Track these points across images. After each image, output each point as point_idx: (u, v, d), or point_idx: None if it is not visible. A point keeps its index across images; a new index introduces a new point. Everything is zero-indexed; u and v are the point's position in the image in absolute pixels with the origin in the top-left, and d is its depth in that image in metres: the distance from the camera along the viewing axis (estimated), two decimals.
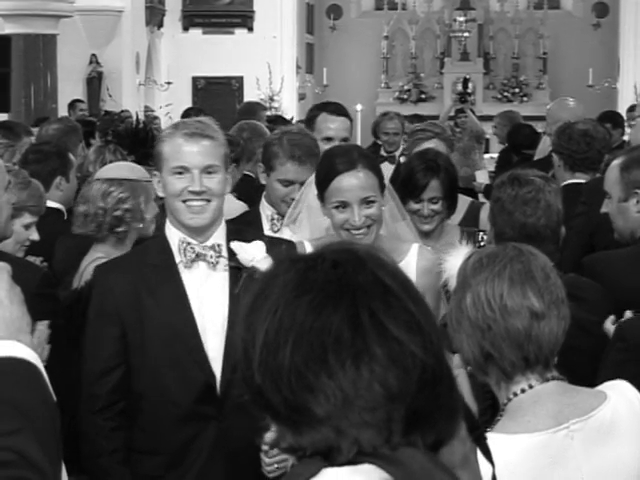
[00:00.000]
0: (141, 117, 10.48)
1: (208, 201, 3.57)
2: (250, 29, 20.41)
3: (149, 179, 4.26)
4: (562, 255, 3.93)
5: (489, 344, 2.44)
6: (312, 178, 4.11)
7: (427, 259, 3.91)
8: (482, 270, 2.47)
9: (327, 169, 3.82)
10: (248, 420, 3.01)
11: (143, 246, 3.93)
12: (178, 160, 3.56)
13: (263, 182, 4.87)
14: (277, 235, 4.38)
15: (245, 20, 20.43)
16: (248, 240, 3.61)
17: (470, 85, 21.29)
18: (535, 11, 23.00)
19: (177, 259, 3.61)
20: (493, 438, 2.41)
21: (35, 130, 7.57)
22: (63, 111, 13.80)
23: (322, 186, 3.81)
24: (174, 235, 3.63)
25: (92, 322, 3.66)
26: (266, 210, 4.84)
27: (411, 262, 3.87)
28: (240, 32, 20.36)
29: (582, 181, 5.75)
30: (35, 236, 4.55)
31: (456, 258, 2.79)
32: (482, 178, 10.17)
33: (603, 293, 3.73)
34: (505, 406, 2.49)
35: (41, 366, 2.04)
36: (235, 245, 3.59)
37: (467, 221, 5.02)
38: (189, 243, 3.60)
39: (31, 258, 4.46)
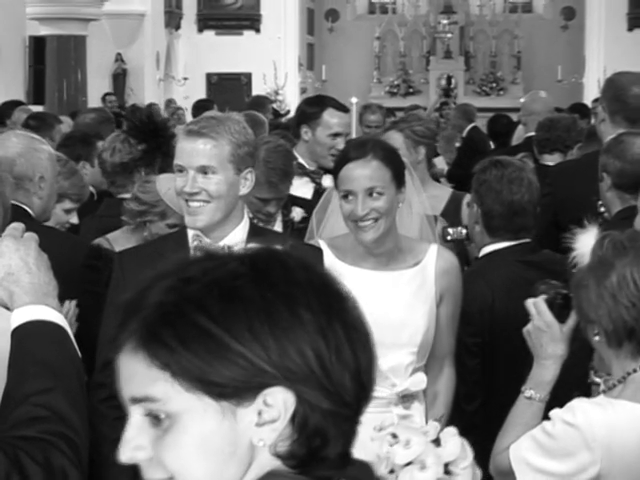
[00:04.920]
0: (162, 109, 10.42)
1: (207, 202, 3.02)
2: (257, 31, 20.37)
3: None
4: None
5: (632, 319, 2.45)
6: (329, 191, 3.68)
7: (446, 260, 3.41)
8: (626, 253, 2.48)
9: (340, 157, 3.38)
10: None
11: (163, 237, 3.49)
12: (178, 159, 3.06)
13: None
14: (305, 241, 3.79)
15: (253, 23, 20.39)
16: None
17: (453, 81, 21.26)
18: (510, 14, 22.93)
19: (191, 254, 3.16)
20: (628, 406, 2.43)
21: (64, 118, 7.60)
22: (92, 103, 13.75)
23: (335, 175, 3.35)
24: (191, 230, 3.14)
25: (105, 311, 3.20)
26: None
27: (429, 263, 3.38)
28: (249, 33, 20.32)
29: (550, 163, 5.80)
30: (74, 220, 4.51)
31: (587, 237, 2.71)
32: (440, 164, 10.17)
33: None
34: (629, 375, 2.49)
35: (68, 328, 2.02)
36: None
37: (449, 210, 4.67)
38: (201, 241, 3.11)
39: None
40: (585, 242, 2.64)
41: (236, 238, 3.09)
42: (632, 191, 3.88)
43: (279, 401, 1.22)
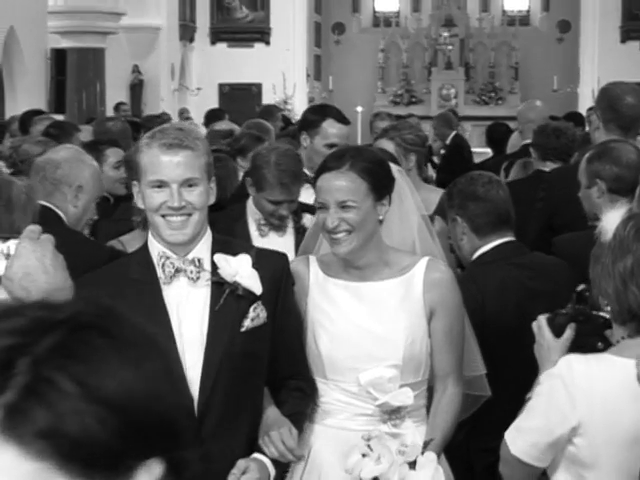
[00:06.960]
0: (175, 118, 10.44)
1: (189, 215, 2.81)
2: (267, 43, 20.37)
3: None
4: (521, 232, 3.92)
5: (638, 307, 2.43)
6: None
7: (437, 272, 3.06)
8: None
9: (320, 166, 3.09)
10: (225, 442, 2.76)
11: (125, 259, 3.23)
12: (156, 173, 2.78)
13: (251, 194, 4.25)
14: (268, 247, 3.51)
15: (263, 36, 20.40)
16: (234, 253, 2.87)
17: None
18: (508, 27, 22.89)
19: (159, 273, 2.87)
20: (611, 358, 2.43)
21: (83, 127, 7.64)
22: (110, 113, 13.77)
23: (314, 184, 3.11)
24: (155, 248, 2.89)
25: None
26: (254, 214, 4.29)
27: (417, 275, 3.04)
28: (259, 46, 20.32)
29: (547, 169, 5.74)
30: (93, 215, 4.50)
31: (615, 214, 2.66)
32: (429, 170, 10.18)
33: (568, 269, 3.66)
34: (623, 340, 2.48)
35: None
36: (218, 258, 2.85)
37: (441, 211, 4.46)
38: (168, 257, 2.85)
39: None
40: (612, 219, 2.61)
41: (202, 251, 2.88)
42: (627, 194, 3.86)
43: (144, 474, 0.98)
